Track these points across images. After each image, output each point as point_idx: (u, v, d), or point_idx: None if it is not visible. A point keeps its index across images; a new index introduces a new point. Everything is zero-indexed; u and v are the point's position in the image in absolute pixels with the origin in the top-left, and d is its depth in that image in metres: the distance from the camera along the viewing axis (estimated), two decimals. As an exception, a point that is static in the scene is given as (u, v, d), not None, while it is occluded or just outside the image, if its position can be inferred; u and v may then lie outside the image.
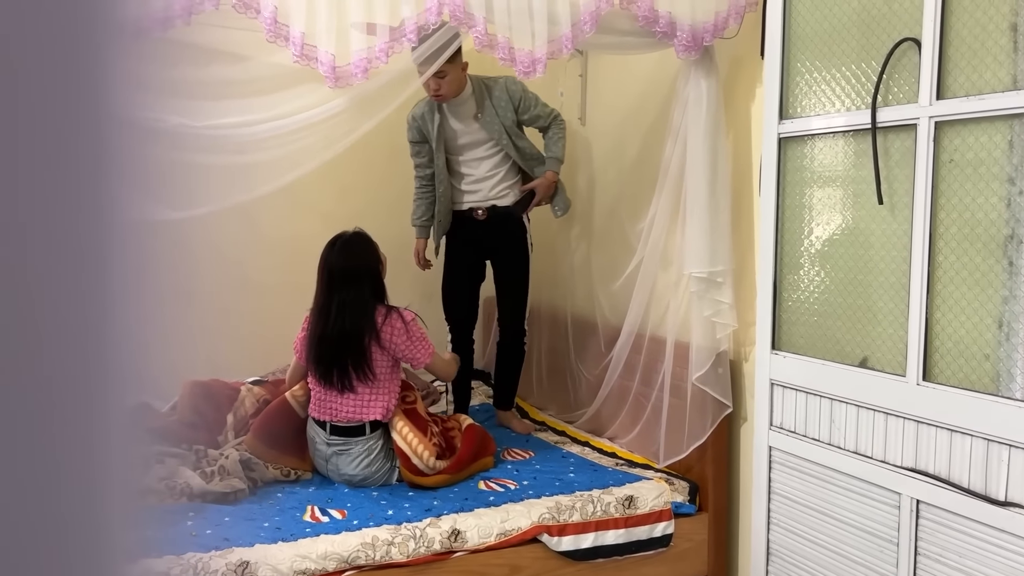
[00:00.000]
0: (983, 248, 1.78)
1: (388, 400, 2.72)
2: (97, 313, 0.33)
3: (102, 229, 0.33)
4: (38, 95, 0.30)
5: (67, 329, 0.32)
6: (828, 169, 2.17)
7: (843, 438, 2.14)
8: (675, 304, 2.76)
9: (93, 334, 0.33)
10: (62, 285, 0.31)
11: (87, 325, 0.33)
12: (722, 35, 2.53)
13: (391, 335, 2.69)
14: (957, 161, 1.83)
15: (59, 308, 0.31)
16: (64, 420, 0.32)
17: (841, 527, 2.15)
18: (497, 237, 3.26)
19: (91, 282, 0.32)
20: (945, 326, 1.87)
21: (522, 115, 3.15)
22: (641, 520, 2.55)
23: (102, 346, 0.33)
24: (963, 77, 1.81)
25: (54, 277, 0.31)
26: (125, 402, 0.34)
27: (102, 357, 0.33)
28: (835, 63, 2.12)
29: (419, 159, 3.27)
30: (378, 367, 2.69)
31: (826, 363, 2.17)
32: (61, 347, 0.32)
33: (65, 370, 0.32)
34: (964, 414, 1.81)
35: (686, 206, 2.65)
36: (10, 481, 0.30)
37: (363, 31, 2.23)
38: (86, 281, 0.32)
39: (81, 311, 0.32)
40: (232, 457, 2.67)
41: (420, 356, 2.76)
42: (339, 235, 2.80)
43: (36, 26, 0.30)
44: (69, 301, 0.32)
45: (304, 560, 2.16)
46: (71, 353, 0.32)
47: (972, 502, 1.80)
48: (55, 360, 0.31)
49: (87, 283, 0.32)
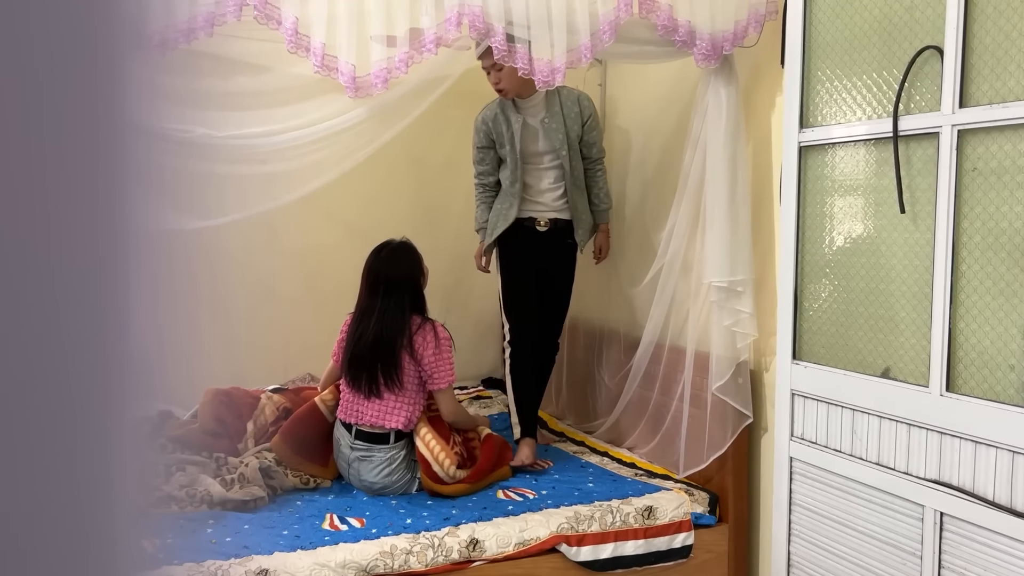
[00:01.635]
0: (1007, 257, 1.76)
1: (412, 411, 2.73)
2: (115, 321, 0.33)
3: (121, 237, 0.33)
4: (61, 104, 0.31)
5: (85, 337, 0.32)
6: (849, 178, 2.16)
7: (865, 449, 2.11)
8: (695, 314, 2.75)
9: (111, 342, 0.33)
10: (81, 293, 0.32)
11: (105, 333, 0.33)
12: (742, 43, 2.52)
13: (423, 345, 2.71)
14: (980, 170, 1.81)
15: (77, 316, 0.32)
16: (81, 428, 0.32)
17: (863, 539, 2.12)
18: (551, 251, 3.14)
19: (110, 290, 0.33)
20: (969, 336, 1.85)
21: (586, 133, 3.06)
22: (660, 531, 2.53)
23: (120, 354, 0.34)
24: (986, 85, 1.79)
25: (73, 285, 0.31)
26: (143, 410, 0.35)
27: (120, 365, 0.34)
28: (856, 71, 2.11)
29: (482, 166, 3.18)
30: (406, 377, 2.70)
31: (848, 373, 2.15)
32: (79, 355, 0.32)
33: (83, 378, 0.32)
34: (989, 425, 1.79)
35: (706, 215, 2.64)
36: (28, 489, 0.31)
37: (383, 43, 2.25)
38: (105, 289, 0.33)
39: (100, 319, 0.33)
40: (252, 465, 2.68)
41: (440, 376, 2.75)
42: (386, 243, 2.84)
43: (60, 37, 0.31)
44: (88, 309, 0.32)
45: (323, 568, 2.16)
46: (89, 361, 0.32)
47: (997, 515, 1.77)
48: (73, 368, 0.32)
49: (106, 291, 0.33)
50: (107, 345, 0.33)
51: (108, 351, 0.33)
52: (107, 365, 0.33)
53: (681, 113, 2.95)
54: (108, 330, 0.33)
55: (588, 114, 3.04)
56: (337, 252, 3.63)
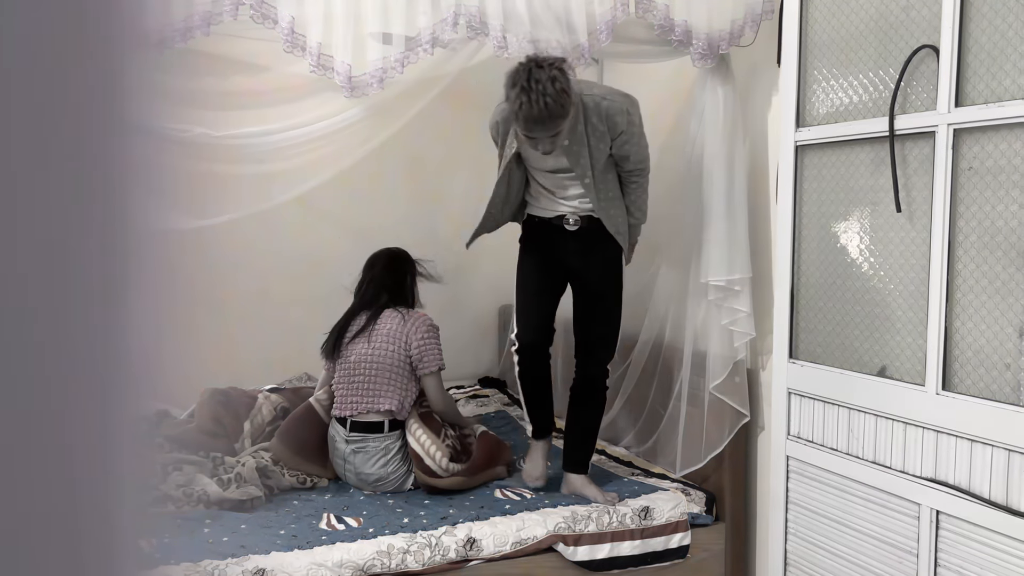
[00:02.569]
0: (1003, 256, 1.76)
1: (403, 395, 2.75)
2: (114, 321, 0.33)
3: (120, 237, 0.33)
4: (60, 104, 0.31)
5: (83, 337, 0.32)
6: (845, 177, 2.16)
7: (861, 448, 2.12)
8: (692, 313, 2.75)
9: (110, 342, 0.33)
10: (79, 292, 0.32)
11: (104, 333, 0.33)
12: (738, 43, 2.52)
13: (414, 325, 2.77)
14: (976, 169, 1.81)
15: (76, 315, 0.32)
16: (80, 427, 0.32)
17: (860, 538, 2.13)
18: (587, 252, 2.65)
19: (108, 290, 0.33)
20: (965, 335, 1.85)
21: (617, 149, 2.51)
22: (657, 531, 2.53)
23: (118, 354, 0.34)
24: (982, 84, 1.79)
25: (72, 284, 0.31)
26: (141, 410, 0.35)
27: (118, 365, 0.34)
28: (852, 70, 2.11)
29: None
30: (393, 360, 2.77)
31: (844, 372, 2.15)
32: (77, 354, 0.32)
33: (81, 377, 0.32)
34: (984, 424, 1.79)
35: (703, 214, 2.64)
36: (25, 488, 0.31)
37: (379, 41, 2.25)
38: (103, 289, 0.33)
39: (98, 318, 0.33)
40: (249, 464, 2.68)
41: (430, 360, 2.80)
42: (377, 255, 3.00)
43: (59, 36, 0.31)
44: (86, 308, 0.32)
45: (320, 568, 2.16)
46: (87, 360, 0.32)
47: (993, 513, 1.78)
48: (71, 367, 0.32)
49: (104, 290, 0.33)
50: (106, 344, 0.33)
51: (107, 350, 0.33)
52: (106, 364, 0.33)
53: (678, 113, 2.95)
54: (107, 329, 0.33)
55: (618, 131, 2.47)
56: (334, 251, 3.63)
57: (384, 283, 2.88)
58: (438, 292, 3.65)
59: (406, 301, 2.90)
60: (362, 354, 2.78)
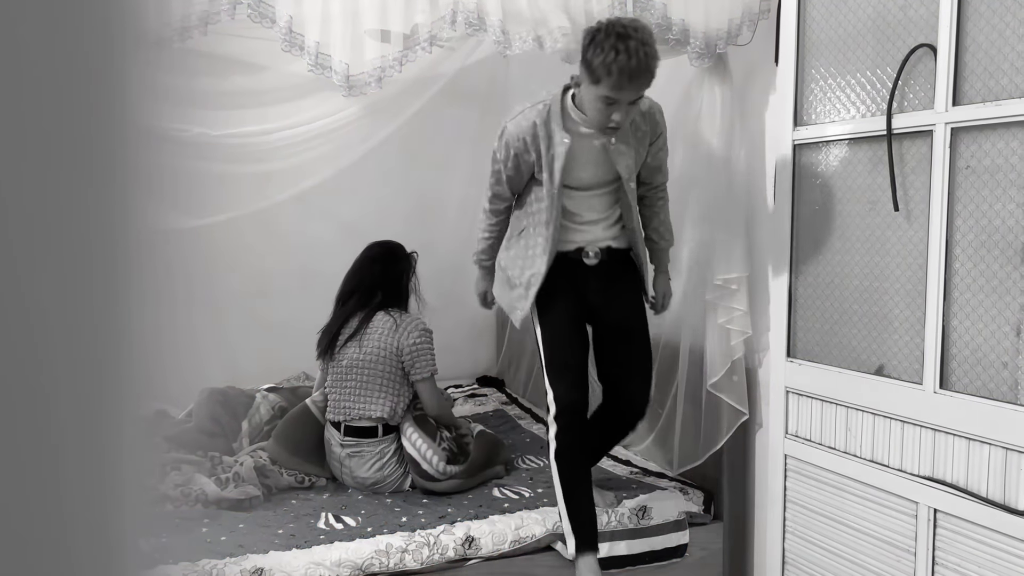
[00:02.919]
0: (1000, 255, 1.77)
1: (396, 401, 2.74)
2: (113, 321, 0.33)
3: (119, 236, 0.33)
4: (58, 102, 0.31)
5: (83, 336, 0.32)
6: (843, 176, 2.16)
7: (859, 446, 2.12)
8: (690, 311, 2.75)
9: (109, 341, 0.33)
10: (78, 292, 0.32)
11: (103, 332, 0.33)
12: (736, 42, 2.52)
13: (407, 330, 2.73)
14: (974, 168, 1.82)
15: (73, 315, 0.32)
16: (79, 427, 0.32)
17: (857, 536, 2.13)
18: (609, 286, 2.39)
19: (107, 289, 0.33)
20: (962, 334, 1.85)
21: (651, 156, 2.35)
22: (655, 531, 2.53)
23: (118, 353, 0.34)
24: (979, 83, 1.80)
25: (70, 284, 0.31)
26: (140, 409, 0.35)
27: (118, 364, 0.34)
28: (850, 69, 2.12)
29: (499, 187, 2.39)
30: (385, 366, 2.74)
31: (842, 371, 2.15)
32: (76, 354, 0.32)
33: (80, 377, 0.32)
34: (982, 422, 1.80)
35: (701, 213, 2.64)
36: (24, 488, 0.31)
37: (377, 39, 2.25)
38: (102, 288, 0.33)
39: (97, 318, 0.33)
40: (247, 464, 2.68)
41: (423, 366, 2.77)
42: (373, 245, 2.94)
43: (58, 34, 0.31)
44: (84, 308, 0.32)
45: (318, 567, 2.16)
46: (87, 360, 0.33)
47: (991, 511, 1.78)
48: (70, 367, 0.32)
49: (102, 290, 0.33)
50: (106, 344, 0.33)
51: (107, 351, 0.33)
52: (104, 363, 0.33)
53: (675, 111, 2.95)
54: (107, 329, 0.33)
55: (659, 132, 2.32)
56: (333, 250, 3.62)
57: (378, 281, 2.84)
58: (436, 290, 3.65)
59: (400, 301, 2.87)
60: (354, 359, 2.76)
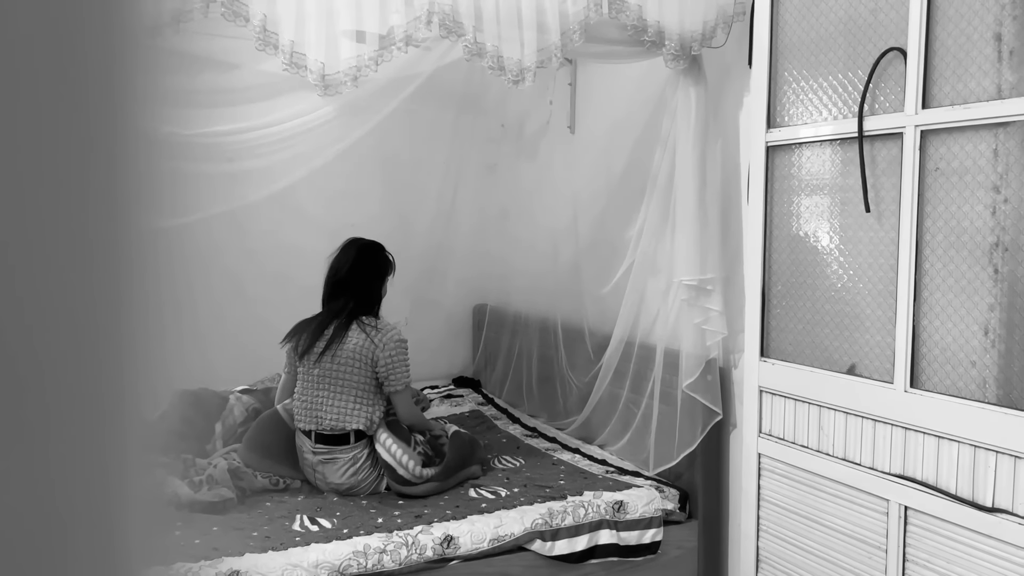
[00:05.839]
0: (969, 256, 1.80)
1: (371, 412, 2.71)
2: (113, 322, 0.33)
3: (116, 237, 0.33)
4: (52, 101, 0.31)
5: (81, 337, 0.32)
6: (815, 177, 2.19)
7: (832, 445, 2.15)
8: (664, 312, 2.77)
9: (110, 343, 0.33)
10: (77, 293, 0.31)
11: (102, 334, 0.33)
12: (710, 44, 2.55)
13: (382, 343, 2.70)
14: (943, 169, 1.85)
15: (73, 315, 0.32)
16: (78, 428, 0.32)
17: (830, 534, 2.16)
18: None
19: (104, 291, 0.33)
20: (932, 333, 1.88)
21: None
22: (631, 525, 2.55)
23: (117, 353, 0.33)
24: (948, 86, 1.83)
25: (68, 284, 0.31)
26: (140, 410, 0.35)
27: (117, 364, 0.33)
28: (822, 72, 2.14)
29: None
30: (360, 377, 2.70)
31: (815, 370, 2.18)
32: (73, 355, 0.32)
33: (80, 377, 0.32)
34: (951, 421, 1.83)
35: (675, 214, 2.66)
36: (24, 490, 0.30)
37: (352, 39, 2.23)
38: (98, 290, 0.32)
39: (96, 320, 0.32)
40: (220, 466, 2.66)
41: (397, 378, 2.73)
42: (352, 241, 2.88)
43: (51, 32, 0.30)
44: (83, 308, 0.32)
45: (295, 569, 2.15)
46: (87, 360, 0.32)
47: (960, 508, 1.81)
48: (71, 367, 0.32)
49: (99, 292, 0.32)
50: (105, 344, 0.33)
51: (107, 350, 0.33)
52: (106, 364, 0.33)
53: (650, 113, 2.97)
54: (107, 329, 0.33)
55: None
56: (307, 251, 3.60)
57: (351, 288, 2.77)
58: (411, 291, 3.64)
59: (372, 308, 2.81)
60: (327, 369, 2.72)
